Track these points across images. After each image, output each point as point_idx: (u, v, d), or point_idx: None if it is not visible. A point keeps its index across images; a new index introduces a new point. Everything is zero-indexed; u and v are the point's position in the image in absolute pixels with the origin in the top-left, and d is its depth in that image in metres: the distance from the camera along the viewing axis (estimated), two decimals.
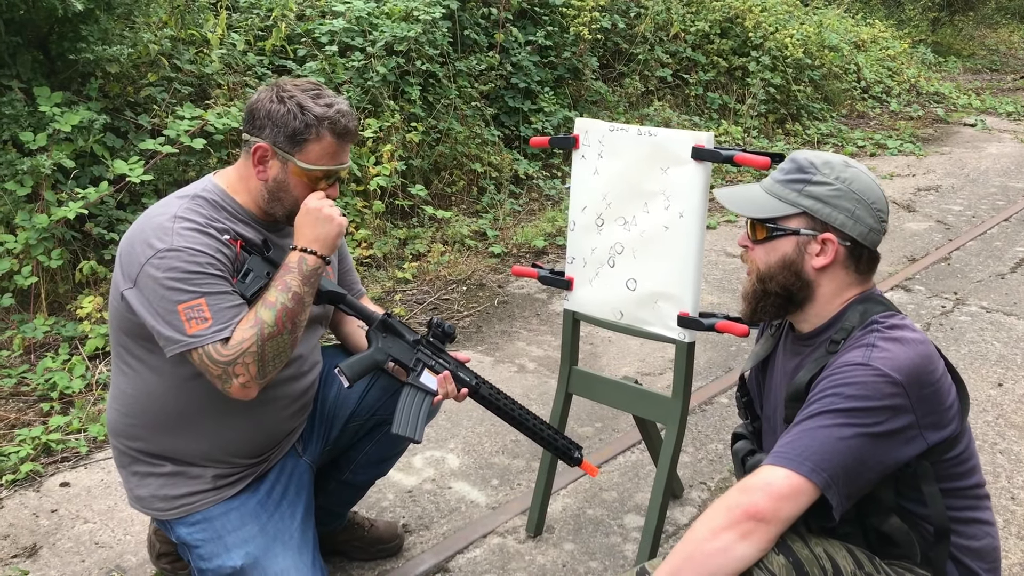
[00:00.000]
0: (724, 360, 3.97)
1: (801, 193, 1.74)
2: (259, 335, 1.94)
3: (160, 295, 1.91)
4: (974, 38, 15.25)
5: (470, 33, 6.31)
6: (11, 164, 3.92)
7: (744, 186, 1.88)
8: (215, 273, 1.95)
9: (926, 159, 7.95)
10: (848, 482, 1.57)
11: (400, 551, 2.64)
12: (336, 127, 2.02)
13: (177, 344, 1.92)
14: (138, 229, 1.99)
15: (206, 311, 1.91)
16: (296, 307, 1.99)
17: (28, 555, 2.62)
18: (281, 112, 2.00)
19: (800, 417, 1.64)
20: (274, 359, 1.98)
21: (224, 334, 1.92)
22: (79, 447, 3.15)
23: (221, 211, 2.05)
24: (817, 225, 1.74)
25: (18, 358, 3.71)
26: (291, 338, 2.00)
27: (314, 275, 2.04)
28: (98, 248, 4.15)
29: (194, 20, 5.00)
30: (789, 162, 1.80)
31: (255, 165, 2.04)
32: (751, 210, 1.80)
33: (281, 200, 2.07)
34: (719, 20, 8.43)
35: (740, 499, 1.57)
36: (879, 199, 1.75)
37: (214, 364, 1.92)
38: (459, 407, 3.40)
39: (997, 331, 4.29)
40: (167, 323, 1.92)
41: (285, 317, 1.97)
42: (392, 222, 5.28)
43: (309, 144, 2.01)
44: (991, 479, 3.03)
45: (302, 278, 2.01)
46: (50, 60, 4.31)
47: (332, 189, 2.11)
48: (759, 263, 1.80)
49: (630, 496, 2.94)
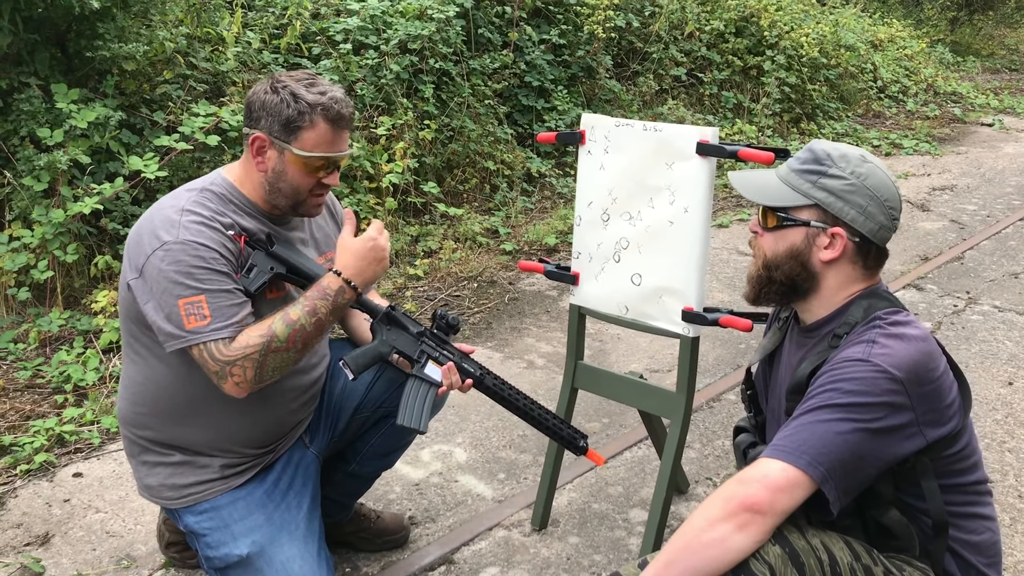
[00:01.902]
0: (733, 357, 3.97)
1: (815, 185, 1.74)
2: (265, 346, 1.96)
3: (163, 288, 1.94)
4: (993, 37, 15.13)
5: (484, 31, 6.33)
6: (28, 160, 3.98)
7: (759, 171, 1.87)
8: (218, 269, 1.97)
9: (942, 159, 7.91)
10: (845, 477, 1.58)
11: (406, 543, 2.66)
12: (329, 113, 2.03)
13: (176, 340, 1.95)
14: (146, 220, 2.02)
15: (205, 308, 1.93)
16: (314, 332, 2.02)
17: (41, 543, 2.67)
18: (275, 102, 2.02)
19: (799, 411, 1.65)
20: (274, 371, 2.00)
21: (223, 333, 1.94)
22: (92, 438, 3.19)
23: (228, 204, 2.07)
24: (828, 218, 1.73)
25: (34, 351, 3.76)
26: (297, 356, 2.03)
27: (345, 307, 2.08)
28: (113, 243, 4.20)
29: (210, 18, 5.05)
30: (807, 151, 1.78)
31: (254, 156, 2.06)
32: (763, 197, 1.79)
33: (281, 190, 2.07)
34: (734, 19, 8.41)
35: (737, 490, 1.58)
36: (893, 197, 1.74)
37: (213, 361, 1.95)
38: (468, 401, 3.42)
39: (1009, 330, 4.27)
40: (167, 318, 1.94)
41: (299, 338, 2.00)
42: (404, 219, 5.31)
43: (303, 132, 2.02)
44: (999, 477, 3.02)
45: (333, 307, 2.05)
46: (67, 57, 4.37)
47: (332, 177, 2.11)
48: (767, 250, 1.80)
49: (636, 491, 2.95)
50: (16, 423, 3.28)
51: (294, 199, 2.09)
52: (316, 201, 2.13)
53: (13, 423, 3.28)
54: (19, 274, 3.91)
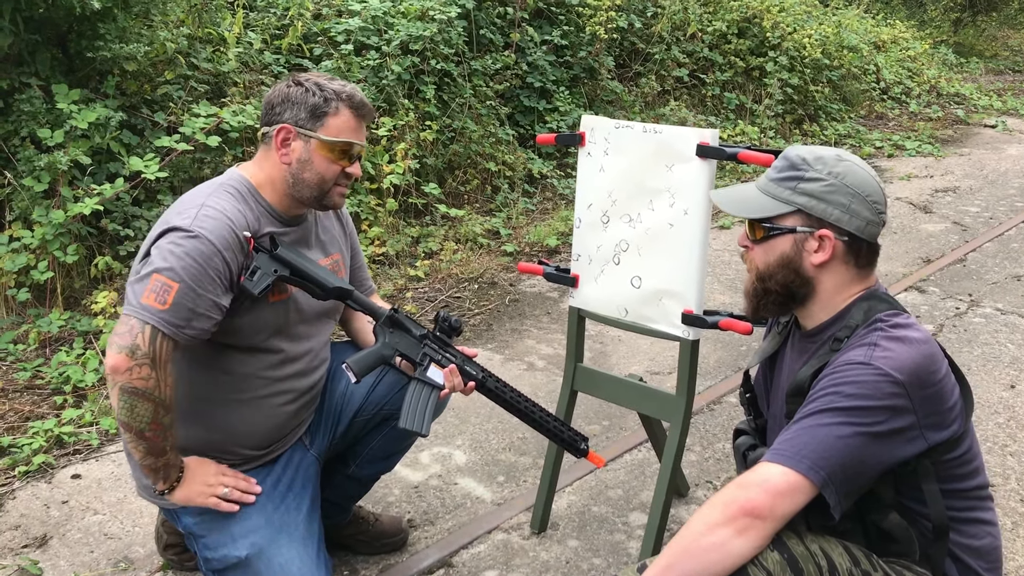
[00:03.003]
0: (734, 360, 3.96)
1: (795, 191, 1.73)
2: (137, 393, 1.93)
3: (152, 259, 1.95)
4: (997, 39, 15.10)
5: (486, 32, 6.33)
6: (29, 160, 3.97)
7: (739, 186, 1.87)
8: (209, 273, 1.96)
9: (945, 160, 7.89)
10: (846, 481, 1.57)
11: (404, 545, 2.65)
12: (353, 100, 2.10)
13: (128, 306, 1.94)
14: (168, 212, 2.05)
15: (171, 297, 1.92)
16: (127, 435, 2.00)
17: (38, 545, 2.66)
18: (299, 93, 2.07)
19: (800, 414, 1.64)
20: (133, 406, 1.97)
21: (166, 329, 1.92)
22: (91, 440, 3.19)
23: (247, 204, 2.08)
24: (813, 222, 1.73)
25: (33, 352, 3.76)
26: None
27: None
28: (113, 244, 4.20)
29: (211, 19, 5.05)
30: (782, 159, 1.78)
31: (278, 148, 2.09)
32: (746, 210, 1.79)
33: (307, 180, 2.10)
34: (736, 20, 8.40)
35: (737, 495, 1.57)
36: (875, 191, 1.73)
37: (130, 336, 1.90)
38: (467, 404, 3.41)
39: (1012, 333, 4.26)
40: (138, 280, 1.95)
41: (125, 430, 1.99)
42: (405, 220, 5.31)
43: (329, 118, 2.07)
44: (1000, 481, 3.01)
45: (143, 467, 2.05)
46: (68, 58, 4.36)
47: (354, 167, 2.15)
48: (758, 262, 1.79)
49: (635, 494, 2.94)
50: (15, 424, 3.28)
51: (320, 188, 2.11)
52: (340, 191, 2.16)
53: (12, 424, 3.27)
54: (19, 275, 3.91)
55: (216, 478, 2.14)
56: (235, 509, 2.13)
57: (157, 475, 2.06)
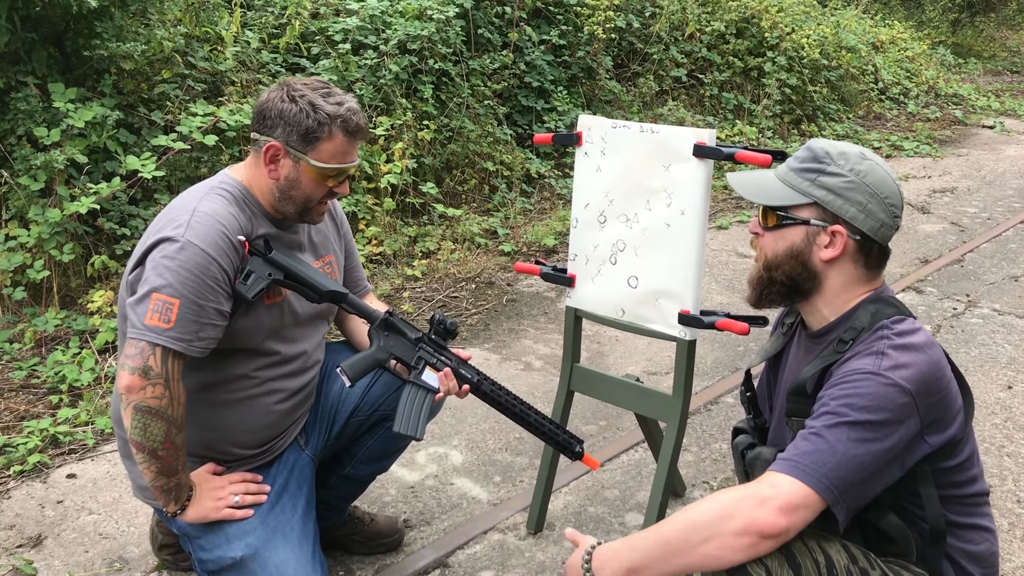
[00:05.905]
0: (731, 360, 3.96)
1: (814, 183, 1.72)
2: (152, 418, 1.95)
3: (146, 275, 1.94)
4: (995, 39, 15.11)
5: (484, 32, 6.32)
6: (25, 159, 3.96)
7: (758, 171, 1.86)
8: (207, 283, 1.95)
9: (943, 161, 7.89)
10: (857, 497, 1.56)
11: (400, 546, 2.65)
12: (348, 125, 2.05)
13: (133, 330, 1.94)
14: (159, 219, 2.04)
15: (174, 314, 1.92)
16: (140, 452, 2.00)
17: (33, 545, 2.65)
18: (293, 111, 2.02)
19: (812, 425, 1.59)
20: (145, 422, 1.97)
21: (175, 346, 1.92)
22: (86, 439, 3.18)
23: (242, 207, 2.08)
24: (828, 216, 1.71)
25: (29, 351, 3.75)
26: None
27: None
28: (110, 243, 4.19)
29: (208, 18, 5.04)
30: (805, 150, 1.77)
31: (266, 164, 2.06)
32: (762, 196, 1.78)
33: (293, 198, 2.09)
34: (735, 20, 8.40)
35: (755, 513, 1.52)
36: (894, 194, 1.72)
37: (141, 359, 1.91)
38: (464, 405, 3.41)
39: (1009, 333, 4.26)
40: (138, 301, 1.94)
41: (138, 448, 1.99)
42: (403, 220, 5.30)
43: (322, 142, 2.03)
44: (997, 482, 3.00)
45: (155, 488, 2.05)
46: (65, 56, 4.35)
47: (342, 187, 2.13)
48: (767, 250, 1.78)
49: (632, 494, 2.94)
50: (10, 423, 3.27)
51: (303, 207, 2.10)
52: (322, 209, 2.15)
53: (7, 423, 3.26)
54: (15, 273, 3.90)
55: (224, 488, 2.14)
56: (251, 515, 2.13)
57: (168, 496, 2.06)
